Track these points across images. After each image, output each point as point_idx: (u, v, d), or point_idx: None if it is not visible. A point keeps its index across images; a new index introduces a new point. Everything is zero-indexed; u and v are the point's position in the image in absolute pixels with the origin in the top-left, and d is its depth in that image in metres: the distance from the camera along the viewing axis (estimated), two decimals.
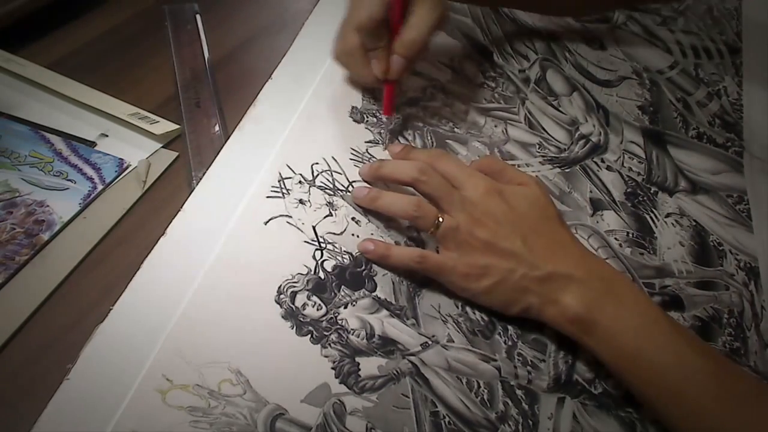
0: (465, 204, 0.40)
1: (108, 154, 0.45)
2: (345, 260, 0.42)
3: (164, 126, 0.47)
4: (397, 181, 0.43)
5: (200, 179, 0.44)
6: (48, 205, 0.42)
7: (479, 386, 0.39)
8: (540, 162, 0.53)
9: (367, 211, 0.44)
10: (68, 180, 0.43)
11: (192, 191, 0.43)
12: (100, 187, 0.43)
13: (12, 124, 0.46)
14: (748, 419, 0.35)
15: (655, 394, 0.37)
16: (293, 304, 0.39)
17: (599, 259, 0.43)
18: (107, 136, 0.47)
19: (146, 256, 0.39)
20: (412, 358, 0.39)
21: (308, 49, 0.54)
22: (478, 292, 0.40)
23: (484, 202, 0.40)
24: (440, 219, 0.40)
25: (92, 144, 0.46)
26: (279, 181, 0.44)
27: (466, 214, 0.40)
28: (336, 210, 0.44)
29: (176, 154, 0.47)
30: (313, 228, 0.43)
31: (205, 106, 0.50)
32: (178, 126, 0.48)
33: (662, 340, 0.37)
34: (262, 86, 0.50)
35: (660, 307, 0.39)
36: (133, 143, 0.47)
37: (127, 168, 0.45)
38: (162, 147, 0.47)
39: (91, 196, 0.43)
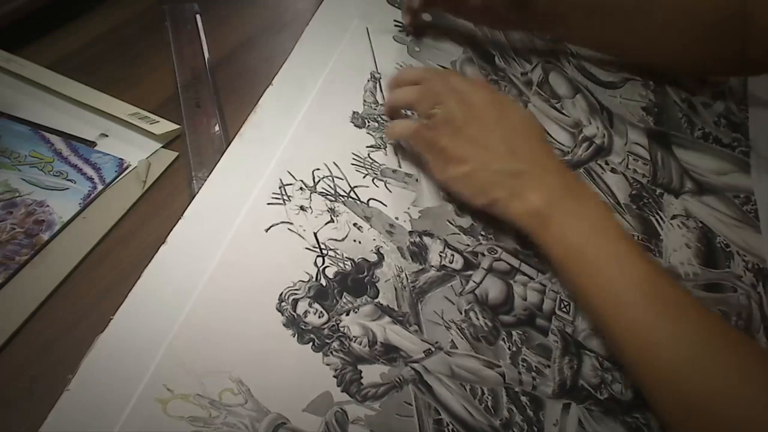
0: (462, 102, 0.44)
1: (108, 154, 0.45)
2: (347, 267, 0.41)
3: (164, 126, 0.47)
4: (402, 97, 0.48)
5: (200, 179, 0.44)
6: (48, 205, 0.41)
7: (483, 393, 0.38)
8: None
9: (368, 218, 0.44)
10: (68, 180, 0.43)
11: (192, 197, 0.42)
12: (100, 187, 0.43)
13: (12, 124, 0.45)
14: (682, 334, 0.35)
15: (591, 294, 0.39)
16: (295, 311, 0.38)
17: (566, 167, 0.45)
18: (107, 136, 0.46)
19: (147, 261, 0.38)
20: (414, 365, 0.38)
21: (309, 55, 0.54)
22: (454, 177, 0.44)
23: (479, 104, 0.44)
24: (437, 108, 0.44)
25: (92, 144, 0.46)
26: (280, 188, 0.44)
27: (462, 109, 0.44)
28: (337, 216, 0.44)
29: (176, 154, 0.46)
30: (315, 234, 0.42)
31: (205, 106, 0.50)
32: (178, 126, 0.47)
33: (608, 244, 0.39)
34: (263, 88, 0.50)
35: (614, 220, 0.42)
36: (133, 143, 0.46)
37: (127, 168, 0.45)
38: (162, 147, 0.46)
39: (91, 196, 0.42)
